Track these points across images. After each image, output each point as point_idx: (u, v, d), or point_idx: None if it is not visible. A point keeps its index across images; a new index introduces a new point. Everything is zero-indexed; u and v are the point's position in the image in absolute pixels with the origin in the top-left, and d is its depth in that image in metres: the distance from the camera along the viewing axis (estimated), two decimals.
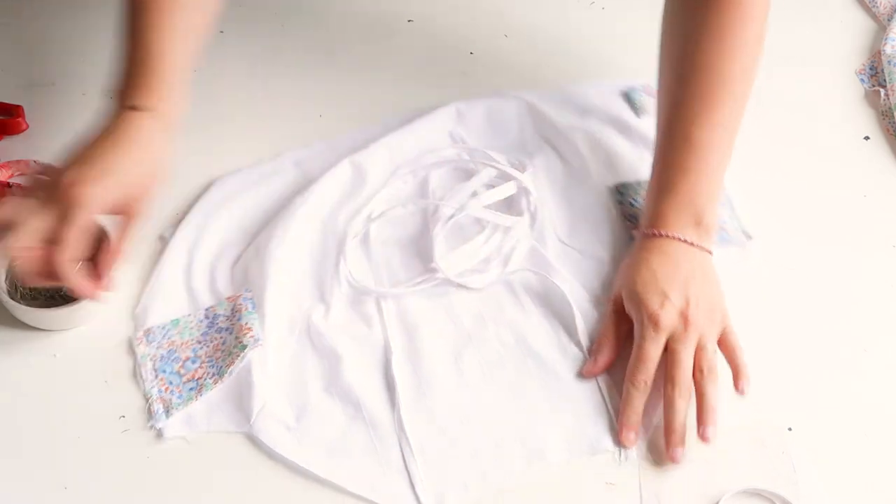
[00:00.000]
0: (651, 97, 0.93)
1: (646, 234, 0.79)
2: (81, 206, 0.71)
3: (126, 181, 0.73)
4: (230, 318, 0.79)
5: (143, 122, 0.75)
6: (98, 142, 0.74)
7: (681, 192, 0.78)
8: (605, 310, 0.80)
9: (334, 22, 1.03)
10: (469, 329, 0.80)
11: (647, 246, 0.79)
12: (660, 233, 0.78)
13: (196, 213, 0.85)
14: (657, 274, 0.76)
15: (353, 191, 0.87)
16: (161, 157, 0.76)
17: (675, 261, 0.77)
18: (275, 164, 0.89)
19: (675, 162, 0.79)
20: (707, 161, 0.79)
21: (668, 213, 0.78)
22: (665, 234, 0.78)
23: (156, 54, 0.77)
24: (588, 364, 0.77)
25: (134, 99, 0.75)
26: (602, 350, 0.77)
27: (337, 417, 0.75)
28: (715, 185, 0.80)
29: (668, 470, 0.73)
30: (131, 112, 0.75)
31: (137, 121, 0.75)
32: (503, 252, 0.84)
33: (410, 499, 0.71)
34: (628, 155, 0.91)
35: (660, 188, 0.80)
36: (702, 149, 0.79)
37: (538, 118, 0.93)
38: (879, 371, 0.79)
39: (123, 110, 0.75)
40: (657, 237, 0.78)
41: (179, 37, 0.79)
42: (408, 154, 0.90)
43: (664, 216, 0.78)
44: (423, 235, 0.85)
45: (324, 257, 0.83)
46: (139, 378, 0.76)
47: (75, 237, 0.71)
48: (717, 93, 0.79)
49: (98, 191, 0.72)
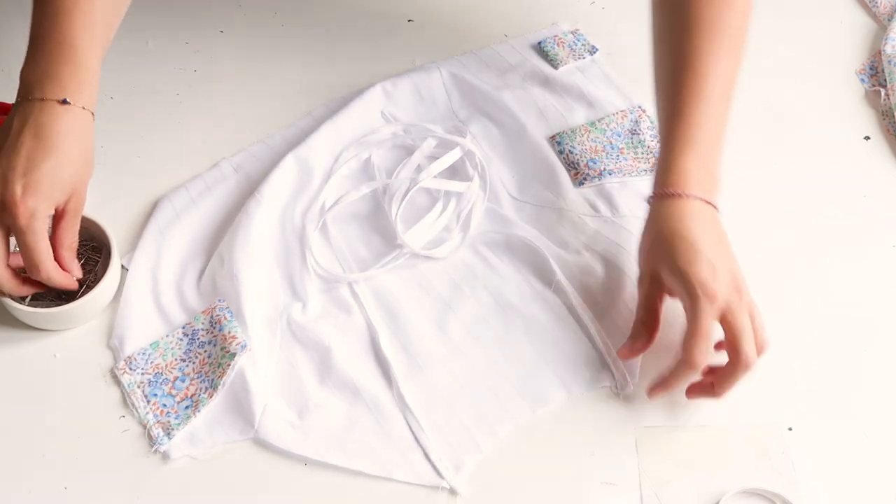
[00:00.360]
0: (560, 48, 0.99)
1: (666, 195, 0.75)
2: (35, 217, 0.72)
3: (70, 180, 0.74)
4: (210, 331, 0.79)
5: (77, 119, 0.74)
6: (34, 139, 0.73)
7: (699, 146, 0.76)
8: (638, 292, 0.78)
9: (334, 22, 1.03)
10: (445, 296, 0.82)
11: (673, 211, 0.75)
12: (684, 193, 0.75)
13: (149, 234, 0.85)
14: (697, 244, 0.73)
15: (302, 184, 0.88)
16: (91, 151, 0.76)
17: (705, 225, 0.74)
18: (214, 173, 0.90)
19: (689, 115, 0.77)
20: (716, 114, 0.77)
21: (689, 169, 0.75)
22: (689, 195, 0.75)
23: (85, 48, 0.75)
24: (623, 349, 0.77)
25: (66, 93, 0.74)
26: (640, 335, 0.77)
27: (338, 407, 0.76)
28: (721, 139, 0.78)
29: (668, 470, 0.73)
30: (63, 107, 0.74)
31: (72, 117, 0.74)
32: (461, 217, 0.87)
33: (429, 470, 0.73)
34: (556, 106, 0.94)
35: (675, 142, 0.77)
36: (713, 102, 0.77)
37: (463, 86, 0.96)
38: (879, 371, 0.79)
39: (52, 104, 0.73)
40: (680, 198, 0.75)
41: (101, 25, 0.77)
42: (346, 140, 0.91)
43: (685, 173, 0.75)
44: (377, 215, 0.87)
45: (289, 254, 0.84)
46: (131, 407, 0.76)
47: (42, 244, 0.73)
48: (724, 46, 0.78)
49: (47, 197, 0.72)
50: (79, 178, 0.75)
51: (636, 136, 0.92)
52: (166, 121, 0.94)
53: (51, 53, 0.75)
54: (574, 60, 0.99)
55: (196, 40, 1.00)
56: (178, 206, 0.87)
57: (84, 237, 0.82)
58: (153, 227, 0.85)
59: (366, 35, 1.01)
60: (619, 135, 0.92)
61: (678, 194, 0.75)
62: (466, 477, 0.73)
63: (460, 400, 0.76)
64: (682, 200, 0.75)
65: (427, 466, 0.73)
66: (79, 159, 0.75)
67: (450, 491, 0.72)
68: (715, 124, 0.77)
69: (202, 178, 0.89)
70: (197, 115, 0.94)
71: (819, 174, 0.91)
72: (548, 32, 1.01)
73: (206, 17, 1.02)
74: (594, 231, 0.86)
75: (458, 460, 0.73)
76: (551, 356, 0.79)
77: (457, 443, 0.74)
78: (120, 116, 0.93)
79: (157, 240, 0.85)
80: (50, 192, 0.72)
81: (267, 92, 0.96)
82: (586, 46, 1.00)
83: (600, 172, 0.89)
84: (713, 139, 0.77)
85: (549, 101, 0.95)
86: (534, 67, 0.98)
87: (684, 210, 0.75)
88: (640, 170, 0.90)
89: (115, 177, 0.88)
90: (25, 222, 0.71)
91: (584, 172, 0.89)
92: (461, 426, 0.75)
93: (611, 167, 0.90)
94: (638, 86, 0.96)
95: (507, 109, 0.93)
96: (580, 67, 0.98)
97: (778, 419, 0.76)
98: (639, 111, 0.94)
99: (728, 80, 0.79)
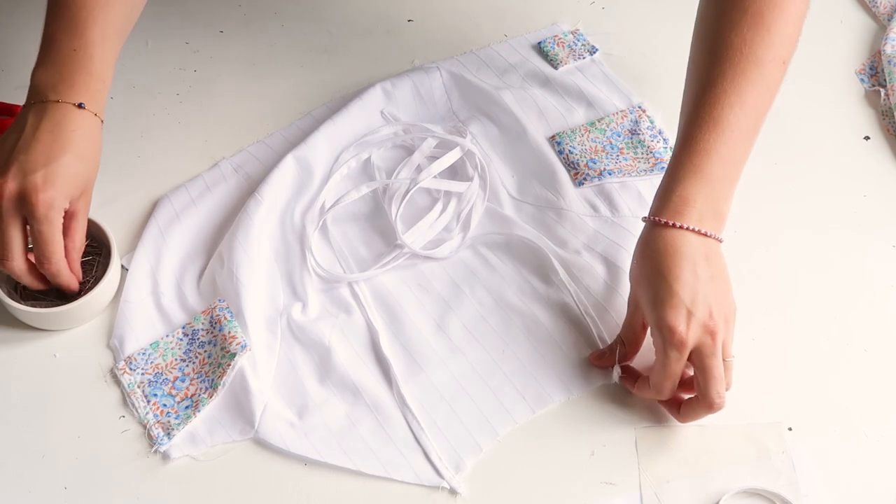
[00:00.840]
0: (560, 48, 0.99)
1: (659, 223, 0.73)
2: (53, 208, 0.73)
3: (85, 175, 0.76)
4: (210, 331, 0.79)
5: (89, 122, 0.76)
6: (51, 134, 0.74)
7: (704, 176, 0.73)
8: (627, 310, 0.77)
9: (334, 22, 1.03)
10: (445, 296, 0.82)
11: (660, 244, 0.73)
12: (677, 224, 0.72)
13: (149, 234, 0.85)
14: (674, 285, 0.71)
15: (302, 185, 0.88)
16: (99, 153, 0.78)
17: (693, 262, 0.72)
18: (214, 173, 0.90)
19: (699, 142, 0.74)
20: (733, 146, 0.74)
21: (689, 197, 0.73)
22: (682, 226, 0.72)
23: (100, 58, 0.77)
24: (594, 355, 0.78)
25: (81, 99, 0.76)
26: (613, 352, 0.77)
27: (338, 407, 0.76)
28: (736, 172, 0.75)
29: (668, 470, 0.73)
30: (76, 110, 0.75)
31: (85, 119, 0.76)
32: (461, 218, 0.87)
33: (429, 470, 0.73)
34: (555, 106, 0.94)
35: (680, 169, 0.74)
36: (729, 131, 0.74)
37: (463, 86, 0.96)
38: (879, 371, 0.79)
39: (67, 105, 0.75)
40: (672, 228, 0.72)
41: (115, 35, 0.79)
42: (346, 140, 0.91)
43: (684, 200, 0.73)
44: (377, 215, 0.87)
45: (289, 254, 0.84)
46: (131, 407, 0.76)
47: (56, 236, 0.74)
48: (750, 76, 0.74)
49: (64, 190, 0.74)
50: (89, 176, 0.76)
51: (636, 136, 0.92)
52: (166, 121, 0.94)
53: (66, 60, 0.76)
54: (574, 60, 0.99)
55: (196, 40, 1.00)
56: (178, 206, 0.87)
57: None
58: (153, 227, 0.85)
59: (366, 35, 1.01)
60: (619, 135, 0.92)
61: (671, 224, 0.73)
62: (466, 477, 0.73)
63: (460, 400, 0.77)
64: (673, 232, 0.72)
65: (427, 466, 0.73)
66: (91, 158, 0.76)
67: (450, 491, 0.72)
68: (729, 155, 0.74)
69: (202, 178, 0.89)
70: (197, 115, 0.94)
71: (819, 174, 0.91)
72: (547, 32, 1.02)
73: (206, 17, 1.02)
74: (594, 231, 0.86)
75: (458, 460, 0.73)
76: (551, 356, 0.79)
77: (457, 443, 0.74)
78: (120, 116, 0.93)
79: (157, 240, 0.85)
80: (67, 185, 0.74)
81: (267, 92, 0.96)
82: (586, 46, 1.00)
83: (600, 172, 0.89)
84: (725, 170, 0.74)
85: (548, 101, 0.95)
86: (534, 67, 0.98)
87: (673, 243, 0.72)
88: (639, 170, 0.90)
89: (115, 177, 0.88)
90: (44, 212, 0.73)
91: (584, 172, 0.89)
92: (461, 426, 0.75)
93: (611, 167, 0.90)
94: (638, 86, 0.96)
95: (506, 109, 0.93)
96: (580, 67, 0.98)
97: (778, 419, 0.76)
98: (638, 111, 0.94)
99: (755, 112, 0.75)
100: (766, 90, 0.76)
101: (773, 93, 0.77)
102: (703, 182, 0.73)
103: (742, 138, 0.75)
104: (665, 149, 0.91)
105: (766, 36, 0.75)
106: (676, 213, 0.73)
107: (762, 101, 0.76)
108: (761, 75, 0.75)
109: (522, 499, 0.72)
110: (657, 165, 0.89)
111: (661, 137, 0.92)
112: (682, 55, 0.79)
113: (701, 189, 0.73)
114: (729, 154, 0.74)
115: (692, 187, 0.73)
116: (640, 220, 0.77)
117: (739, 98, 0.74)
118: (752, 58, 0.74)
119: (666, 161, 0.89)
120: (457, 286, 0.83)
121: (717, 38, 0.76)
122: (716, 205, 0.74)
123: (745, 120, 0.74)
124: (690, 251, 0.72)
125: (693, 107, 0.76)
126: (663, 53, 0.99)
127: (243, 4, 1.04)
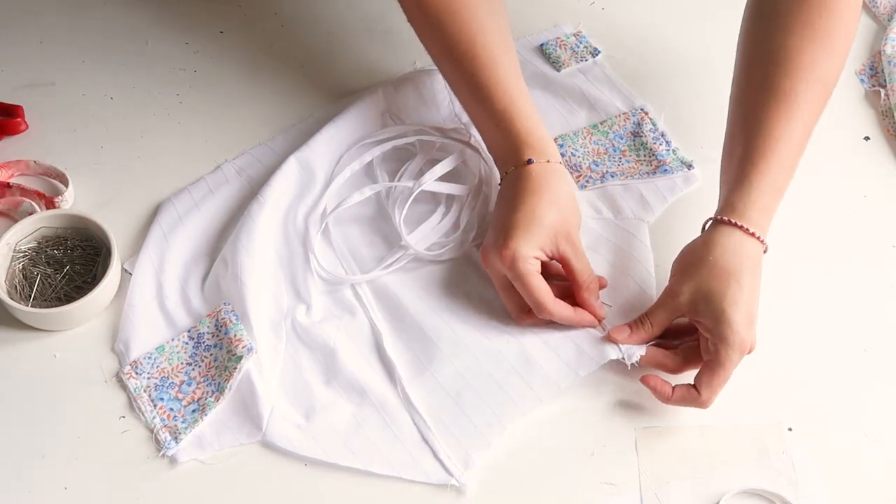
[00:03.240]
0: (562, 50, 0.99)
1: (729, 224, 0.76)
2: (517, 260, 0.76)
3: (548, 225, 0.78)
4: (216, 335, 0.79)
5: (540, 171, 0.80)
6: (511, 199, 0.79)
7: (777, 188, 0.77)
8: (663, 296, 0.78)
9: (334, 22, 1.03)
10: (447, 297, 0.82)
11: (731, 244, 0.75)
12: (749, 230, 0.75)
13: (152, 238, 0.85)
14: (748, 291, 0.74)
15: (305, 187, 0.88)
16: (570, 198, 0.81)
17: (753, 269, 0.75)
18: (216, 175, 0.89)
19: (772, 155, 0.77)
20: (795, 159, 0.79)
21: (765, 207, 0.77)
22: (754, 234, 0.75)
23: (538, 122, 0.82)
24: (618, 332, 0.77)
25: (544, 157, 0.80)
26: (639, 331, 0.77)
27: (345, 407, 0.76)
28: (787, 185, 0.79)
29: (668, 470, 0.73)
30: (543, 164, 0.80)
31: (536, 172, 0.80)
32: (464, 220, 0.86)
33: (438, 468, 0.73)
34: (557, 108, 0.95)
35: (754, 178, 0.77)
36: (797, 147, 0.78)
37: None
38: (879, 371, 0.79)
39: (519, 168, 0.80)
40: (745, 233, 0.75)
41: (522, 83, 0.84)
42: (348, 142, 0.91)
43: (759, 210, 0.76)
44: (380, 217, 0.87)
45: (292, 256, 0.84)
46: (138, 411, 0.76)
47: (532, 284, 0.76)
48: (820, 97, 0.79)
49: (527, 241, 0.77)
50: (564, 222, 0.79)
51: (638, 138, 0.92)
52: (166, 121, 0.94)
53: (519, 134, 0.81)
54: (576, 62, 0.98)
55: (196, 40, 1.00)
56: (181, 208, 0.87)
57: (83, 237, 0.82)
58: (157, 230, 0.85)
59: (366, 36, 1.01)
60: (622, 137, 0.92)
61: (747, 231, 0.76)
62: (474, 474, 0.73)
63: (466, 395, 0.76)
64: (745, 238, 0.76)
65: (436, 464, 0.73)
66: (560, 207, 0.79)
67: (458, 489, 0.72)
68: (788, 169, 0.78)
69: (205, 181, 0.89)
70: (197, 116, 0.94)
71: (819, 174, 0.91)
72: (550, 34, 1.01)
73: (206, 17, 1.02)
74: (597, 234, 0.86)
75: (466, 457, 0.73)
76: (555, 342, 0.78)
77: (464, 439, 0.74)
78: (120, 116, 0.93)
79: (161, 243, 0.84)
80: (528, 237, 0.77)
81: (267, 92, 0.96)
82: (589, 48, 0.99)
83: (603, 175, 0.89)
84: (782, 183, 0.78)
85: (551, 103, 0.95)
86: (536, 69, 0.98)
87: (743, 247, 0.75)
88: (642, 172, 0.90)
89: (115, 177, 0.88)
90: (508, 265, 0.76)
91: (587, 175, 0.89)
92: (468, 422, 0.75)
93: (613, 169, 0.90)
94: (640, 88, 0.96)
95: None
96: (582, 69, 0.98)
97: (778, 419, 0.76)
98: (641, 113, 0.94)
99: (810, 125, 0.79)
100: (818, 104, 0.80)
101: (823, 107, 0.81)
102: (776, 195, 0.78)
103: (795, 152, 0.79)
104: (667, 151, 0.91)
105: (835, 60, 0.80)
106: (752, 221, 0.76)
107: (813, 116, 0.80)
108: (826, 94, 0.80)
109: (522, 498, 0.72)
110: (659, 168, 0.89)
111: (664, 140, 0.91)
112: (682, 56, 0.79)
113: (772, 202, 0.77)
114: (791, 168, 0.79)
115: (768, 195, 0.77)
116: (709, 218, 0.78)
117: (804, 115, 0.78)
118: (822, 80, 0.79)
119: (668, 164, 0.89)
120: (458, 286, 0.83)
121: (783, 54, 0.79)
122: (770, 213, 0.78)
123: (806, 136, 0.79)
124: (753, 258, 0.75)
125: (766, 116, 0.78)
126: (664, 55, 0.99)
127: (243, 4, 1.04)
